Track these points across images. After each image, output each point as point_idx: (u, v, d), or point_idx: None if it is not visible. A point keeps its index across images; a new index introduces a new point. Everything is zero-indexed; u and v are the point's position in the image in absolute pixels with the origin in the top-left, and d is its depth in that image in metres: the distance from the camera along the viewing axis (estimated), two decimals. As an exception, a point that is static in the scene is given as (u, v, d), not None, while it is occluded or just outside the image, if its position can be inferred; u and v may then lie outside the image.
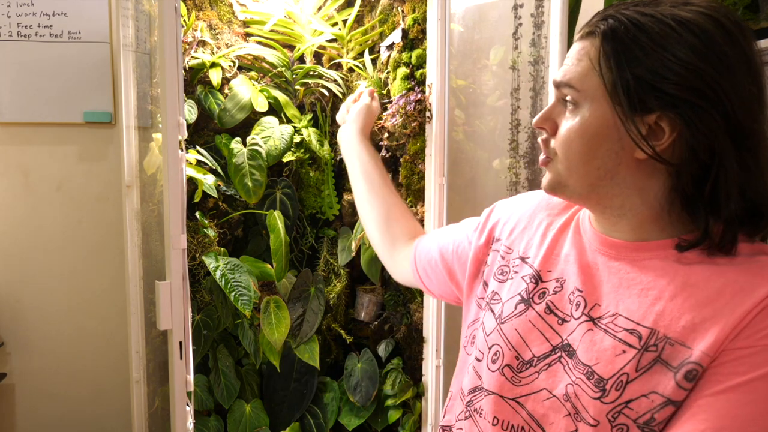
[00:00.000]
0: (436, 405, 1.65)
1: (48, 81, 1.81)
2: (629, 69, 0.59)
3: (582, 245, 0.72)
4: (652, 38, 0.58)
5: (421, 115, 1.68)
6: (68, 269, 1.87)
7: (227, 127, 1.83)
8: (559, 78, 0.66)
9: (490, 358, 0.73)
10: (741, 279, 0.57)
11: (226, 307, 1.80)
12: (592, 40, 0.64)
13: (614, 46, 0.61)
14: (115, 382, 1.89)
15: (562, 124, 0.67)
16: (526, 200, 0.86)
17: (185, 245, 1.32)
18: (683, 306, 0.58)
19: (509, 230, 0.82)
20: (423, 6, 1.66)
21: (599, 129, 0.63)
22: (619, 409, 0.59)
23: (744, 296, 0.56)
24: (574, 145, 0.66)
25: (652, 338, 0.59)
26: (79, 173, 1.87)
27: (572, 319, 0.67)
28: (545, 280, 0.73)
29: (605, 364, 0.61)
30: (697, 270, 0.60)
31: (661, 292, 0.61)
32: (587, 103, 0.64)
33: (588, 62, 0.63)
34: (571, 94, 0.65)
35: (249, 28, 1.96)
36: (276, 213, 1.82)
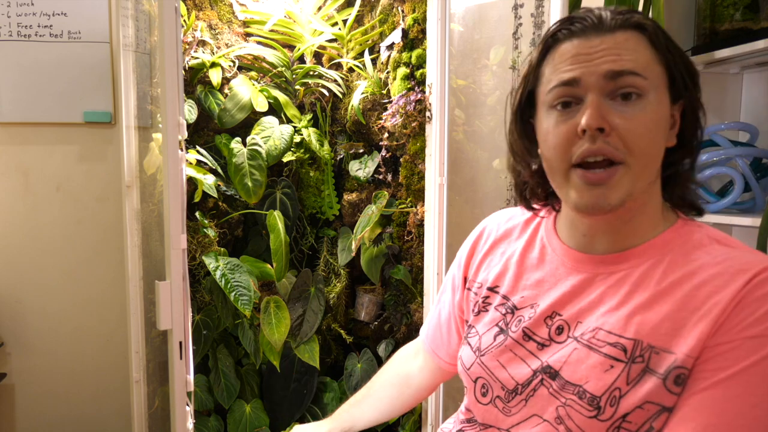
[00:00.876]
0: (436, 405, 1.65)
1: (48, 81, 1.81)
2: (677, 59, 0.62)
3: (554, 266, 0.71)
4: (671, 39, 0.63)
5: (421, 115, 1.68)
6: (68, 269, 1.87)
7: (227, 127, 1.83)
8: (618, 67, 0.59)
9: (479, 391, 0.73)
10: (711, 278, 0.58)
11: (226, 307, 1.79)
12: (636, 33, 0.61)
13: (666, 40, 0.62)
14: (115, 382, 1.89)
15: (626, 120, 0.59)
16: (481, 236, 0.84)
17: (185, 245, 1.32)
18: (661, 313, 0.59)
19: (476, 267, 0.82)
20: (423, 6, 1.66)
21: (665, 120, 0.62)
22: (618, 425, 0.59)
23: (717, 294, 0.57)
24: (653, 139, 0.60)
25: (636, 349, 0.59)
26: (79, 173, 1.87)
27: (553, 342, 0.66)
28: (519, 307, 0.72)
29: (595, 382, 0.61)
30: (670, 275, 0.61)
31: (639, 302, 0.61)
32: (653, 93, 0.60)
33: (646, 52, 0.61)
34: (638, 83, 0.59)
35: (249, 28, 1.96)
36: (276, 213, 1.82)
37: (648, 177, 0.62)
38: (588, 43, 0.61)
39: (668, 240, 0.64)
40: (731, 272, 0.58)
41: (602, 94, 0.60)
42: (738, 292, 0.56)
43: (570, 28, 0.63)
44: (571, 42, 0.63)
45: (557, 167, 0.64)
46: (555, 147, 0.63)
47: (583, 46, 0.61)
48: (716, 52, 1.10)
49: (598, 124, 0.59)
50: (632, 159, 0.60)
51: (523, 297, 0.72)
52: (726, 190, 1.19)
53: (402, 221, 1.83)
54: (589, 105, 0.60)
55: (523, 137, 0.71)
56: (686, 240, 0.64)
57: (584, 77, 0.61)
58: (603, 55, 0.60)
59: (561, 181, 0.65)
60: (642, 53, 0.60)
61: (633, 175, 0.60)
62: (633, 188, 0.61)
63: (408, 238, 1.80)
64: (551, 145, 0.64)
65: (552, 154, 0.64)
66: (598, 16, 0.62)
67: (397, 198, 1.85)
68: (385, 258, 1.85)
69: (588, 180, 0.61)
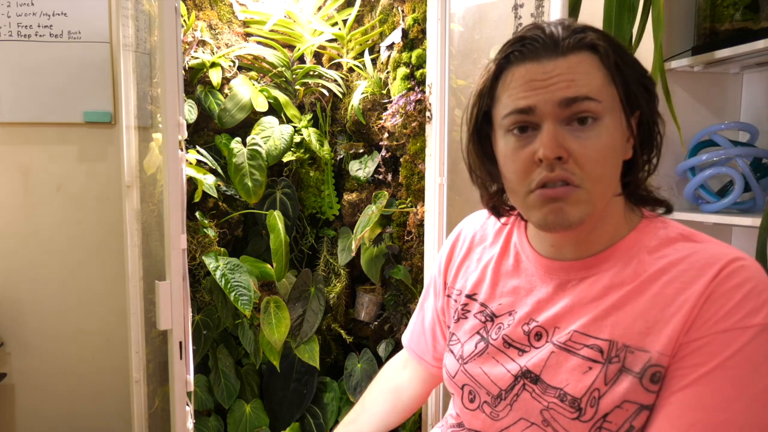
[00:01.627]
0: (436, 405, 1.65)
1: (48, 81, 1.81)
2: (631, 75, 0.63)
3: (528, 273, 0.72)
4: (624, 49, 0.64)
5: (421, 115, 1.68)
6: (68, 269, 1.87)
7: (227, 127, 1.83)
8: (572, 94, 0.59)
9: (466, 397, 0.74)
10: (679, 274, 0.60)
11: (226, 307, 1.79)
12: (588, 55, 0.61)
13: (618, 58, 0.62)
14: (115, 382, 1.89)
15: (580, 146, 0.60)
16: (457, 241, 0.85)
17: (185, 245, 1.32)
18: (633, 312, 0.60)
19: (454, 273, 0.83)
20: (423, 6, 1.66)
21: (619, 140, 0.62)
22: (599, 425, 0.60)
23: (686, 291, 0.58)
24: (607, 163, 0.61)
25: (612, 349, 0.60)
26: (79, 173, 1.87)
27: (532, 348, 0.68)
28: (498, 314, 0.73)
29: (575, 384, 0.62)
30: (641, 273, 0.63)
31: (611, 303, 0.62)
32: (608, 116, 0.61)
33: (599, 75, 0.61)
34: (592, 107, 0.60)
35: (249, 28, 1.96)
36: (276, 213, 1.82)
37: (606, 196, 0.63)
38: (541, 68, 0.61)
39: (634, 241, 0.66)
40: (698, 267, 0.59)
41: (558, 121, 0.61)
42: (707, 286, 0.57)
43: (521, 50, 0.63)
44: (525, 66, 0.62)
45: (517, 191, 0.65)
46: (515, 173, 0.64)
47: (536, 72, 0.61)
48: (716, 52, 1.10)
49: (555, 154, 0.60)
50: (589, 183, 0.61)
51: (501, 304, 0.73)
52: (726, 190, 1.19)
53: (402, 221, 1.83)
54: (545, 134, 0.60)
55: (481, 156, 0.71)
56: (651, 238, 0.65)
57: (539, 105, 0.61)
58: (557, 81, 0.60)
59: (521, 203, 0.66)
60: (595, 76, 0.61)
61: (589, 197, 0.61)
62: (592, 208, 0.62)
63: (408, 238, 1.80)
64: (511, 170, 0.65)
65: (512, 179, 0.65)
66: (549, 35, 0.62)
67: (397, 198, 1.85)
68: (385, 258, 1.85)
69: (547, 196, 0.62)
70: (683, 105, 1.23)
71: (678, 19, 1.22)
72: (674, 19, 1.21)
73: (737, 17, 1.10)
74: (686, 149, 1.20)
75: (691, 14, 1.22)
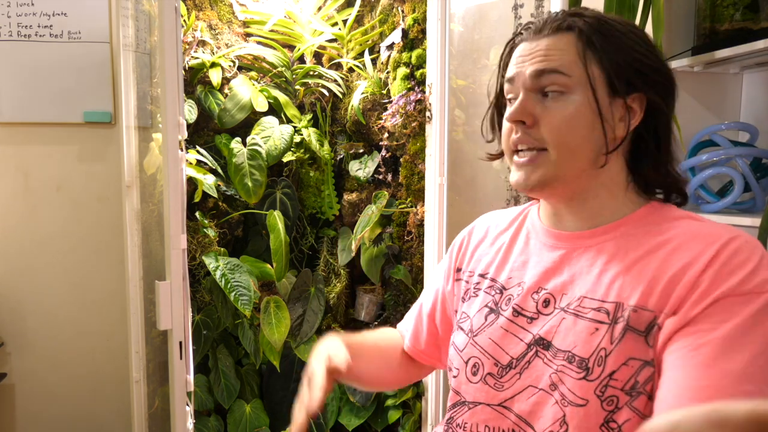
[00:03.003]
0: (436, 405, 1.65)
1: (48, 81, 1.81)
2: (615, 56, 0.67)
3: (537, 246, 0.77)
4: (622, 33, 0.69)
5: (421, 115, 1.68)
6: (68, 269, 1.87)
7: (227, 127, 1.83)
8: (541, 66, 0.67)
9: (470, 370, 0.76)
10: (685, 244, 0.64)
11: (226, 307, 1.80)
12: (567, 35, 0.68)
13: (598, 38, 0.68)
14: (115, 382, 1.89)
15: (547, 114, 0.68)
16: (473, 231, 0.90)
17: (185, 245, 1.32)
18: (638, 277, 0.64)
19: (468, 258, 0.87)
20: (423, 6, 1.66)
21: (589, 114, 0.67)
22: (605, 383, 0.62)
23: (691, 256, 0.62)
24: (572, 131, 0.67)
25: (618, 311, 0.64)
26: (79, 173, 1.87)
27: (541, 315, 0.71)
28: (508, 287, 0.77)
29: (583, 345, 0.64)
30: (644, 244, 0.66)
31: (618, 269, 0.66)
32: (578, 89, 0.67)
33: (573, 52, 0.67)
34: (560, 80, 0.67)
35: (249, 28, 1.96)
36: (276, 213, 1.82)
37: (575, 164, 0.68)
38: (529, 45, 0.71)
39: (641, 216, 0.70)
40: (704, 240, 0.63)
41: (529, 91, 0.69)
42: (711, 258, 0.60)
43: (524, 32, 0.73)
44: (522, 45, 0.72)
45: (506, 154, 0.75)
46: (503, 138, 0.74)
47: (525, 48, 0.71)
48: (716, 52, 1.10)
49: (516, 117, 0.69)
50: (552, 148, 0.68)
51: (511, 277, 0.77)
52: (726, 190, 1.19)
53: (402, 221, 1.83)
54: (517, 101, 0.70)
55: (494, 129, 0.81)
56: (658, 215, 0.69)
57: (516, 76, 0.70)
58: (533, 57, 0.69)
59: (510, 166, 0.75)
60: (568, 52, 0.68)
61: (554, 161, 0.68)
62: (556, 172, 0.68)
63: (408, 238, 1.80)
64: (502, 135, 0.75)
65: (503, 143, 0.75)
66: (544, 20, 0.71)
67: (397, 198, 1.85)
68: (385, 258, 1.85)
69: (516, 163, 0.71)
70: (683, 105, 1.23)
71: (678, 19, 1.22)
72: (674, 19, 1.21)
73: (737, 17, 1.10)
74: (686, 149, 1.20)
75: (691, 14, 1.22)
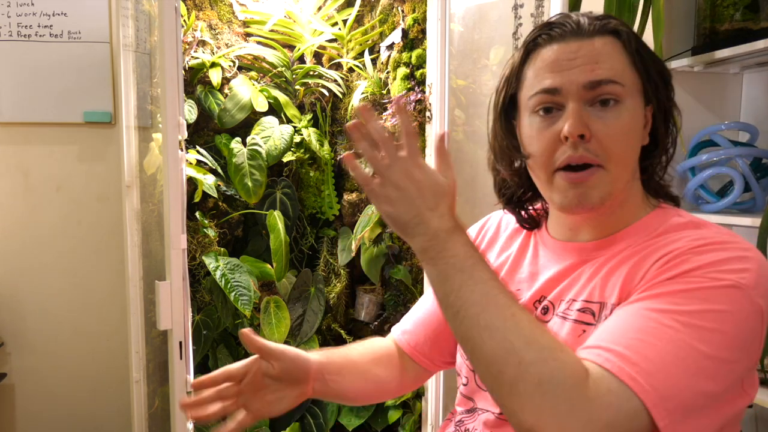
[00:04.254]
0: (436, 405, 1.65)
1: (48, 81, 1.81)
2: (651, 65, 0.66)
3: (546, 259, 0.75)
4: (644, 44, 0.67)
5: (421, 115, 1.68)
6: (68, 269, 1.87)
7: (227, 127, 1.83)
8: (599, 77, 0.63)
9: (480, 378, 0.74)
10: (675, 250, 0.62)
11: (226, 307, 1.79)
12: (612, 39, 0.65)
13: (638, 45, 0.66)
14: (115, 382, 1.89)
15: (602, 126, 0.63)
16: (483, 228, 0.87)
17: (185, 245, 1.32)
18: (621, 276, 0.64)
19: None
20: (423, 6, 1.66)
21: (638, 125, 0.66)
22: None
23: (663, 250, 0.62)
24: (628, 144, 0.65)
25: (603, 310, 0.63)
26: (79, 173, 1.87)
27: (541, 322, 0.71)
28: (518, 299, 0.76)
29: (571, 347, 0.64)
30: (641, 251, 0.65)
31: (608, 273, 0.66)
32: (629, 99, 0.64)
33: (622, 58, 0.64)
34: (616, 90, 0.63)
35: (249, 28, 1.96)
36: (276, 213, 1.82)
37: (625, 177, 0.67)
38: (567, 47, 0.65)
39: (647, 223, 0.68)
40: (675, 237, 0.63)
41: (582, 102, 0.64)
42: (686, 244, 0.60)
43: (549, 33, 0.66)
44: (551, 47, 0.66)
45: (541, 171, 0.68)
46: (540, 152, 0.67)
47: (562, 51, 0.65)
48: (716, 52, 1.10)
49: (579, 131, 0.63)
50: (610, 163, 0.64)
51: (519, 289, 0.76)
52: (726, 190, 1.19)
53: (402, 221, 1.83)
54: (570, 113, 0.64)
55: (508, 137, 0.74)
56: (662, 223, 0.68)
57: (565, 86, 0.64)
58: (582, 63, 0.64)
59: (545, 184, 0.69)
60: (618, 59, 0.64)
61: (611, 176, 0.65)
62: (612, 188, 0.65)
63: (408, 238, 1.80)
64: (536, 149, 0.67)
65: (537, 159, 0.68)
66: (576, 21, 0.66)
67: (397, 198, 1.85)
68: (385, 258, 1.85)
69: (570, 180, 0.65)
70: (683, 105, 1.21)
71: (678, 19, 1.22)
72: (674, 19, 1.21)
73: (737, 17, 1.10)
74: (686, 149, 1.20)
75: (691, 14, 1.22)
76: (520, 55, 0.70)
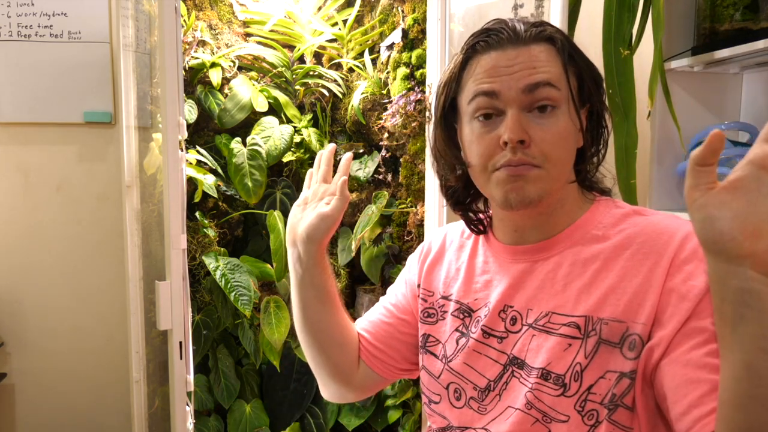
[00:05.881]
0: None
1: (48, 81, 1.81)
2: (584, 71, 0.68)
3: (497, 264, 0.75)
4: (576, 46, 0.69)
5: (421, 115, 1.68)
6: (68, 269, 1.87)
7: (227, 127, 1.83)
8: (536, 79, 0.64)
9: (452, 396, 0.75)
10: (641, 246, 0.64)
11: (226, 307, 1.80)
12: (548, 46, 0.67)
13: (572, 51, 0.68)
14: (115, 382, 1.89)
15: (540, 131, 0.65)
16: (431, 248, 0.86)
17: (185, 245, 1.32)
18: (604, 288, 0.64)
19: (426, 275, 0.84)
20: (423, 6, 1.66)
21: (573, 128, 0.68)
22: (584, 397, 0.62)
23: (648, 262, 0.62)
24: (565, 147, 0.67)
25: (588, 325, 0.63)
26: (79, 173, 1.87)
27: (510, 333, 0.70)
28: (475, 309, 0.75)
29: (557, 362, 0.64)
30: (603, 251, 0.66)
31: (581, 281, 0.66)
32: (565, 104, 0.66)
33: (558, 64, 0.66)
34: (552, 95, 0.65)
35: (249, 28, 1.96)
36: (276, 213, 1.82)
37: (562, 178, 0.68)
38: (505, 55, 0.66)
39: (590, 218, 0.70)
40: (658, 238, 0.63)
41: (521, 108, 0.65)
42: (672, 257, 0.61)
43: (487, 40, 0.68)
44: (489, 54, 0.67)
45: (480, 173, 0.69)
46: (479, 156, 0.68)
47: (500, 58, 0.66)
48: (716, 52, 1.10)
49: (518, 137, 0.64)
50: (548, 165, 0.66)
51: (477, 299, 0.75)
52: (726, 190, 1.19)
53: (402, 221, 1.83)
54: (509, 119, 0.65)
55: (448, 143, 0.75)
56: (606, 215, 0.70)
57: (503, 90, 0.65)
58: (520, 69, 0.65)
59: (484, 183, 0.70)
60: (554, 65, 0.66)
61: (549, 177, 0.66)
62: (549, 187, 0.67)
63: (408, 238, 1.80)
64: (475, 153, 0.69)
65: (476, 162, 0.69)
66: (512, 28, 0.67)
67: (397, 198, 1.85)
68: (385, 258, 1.85)
69: (509, 172, 0.66)
70: (683, 105, 1.23)
71: (678, 19, 1.22)
72: (674, 19, 1.21)
73: (737, 17, 1.10)
74: (686, 149, 1.20)
75: (691, 14, 1.21)
76: (458, 60, 0.71)
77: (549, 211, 0.70)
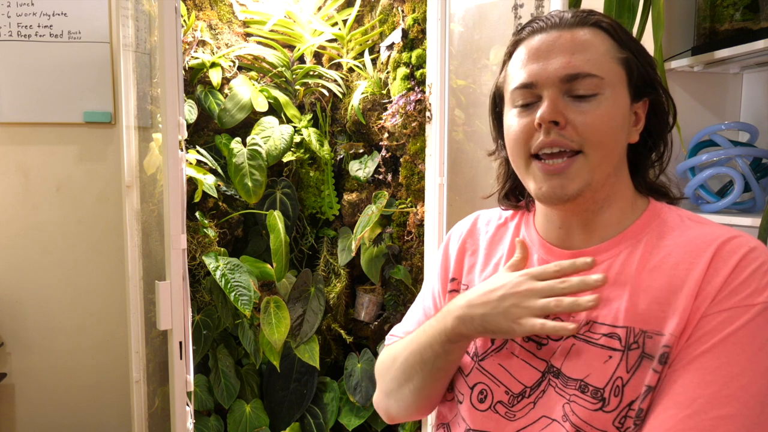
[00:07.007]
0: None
1: (48, 81, 1.81)
2: (638, 60, 0.65)
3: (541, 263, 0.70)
4: (634, 39, 0.66)
5: (421, 115, 1.68)
6: (68, 269, 1.87)
7: (227, 127, 1.83)
8: (572, 71, 0.62)
9: (476, 397, 0.71)
10: (685, 255, 0.61)
11: (226, 307, 1.79)
12: (592, 30, 0.64)
13: (624, 39, 0.65)
14: (115, 382, 1.89)
15: (580, 113, 0.62)
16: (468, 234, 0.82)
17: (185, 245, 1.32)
18: (648, 298, 0.61)
19: (463, 268, 0.80)
20: (423, 6, 1.66)
21: (620, 115, 0.64)
22: (624, 413, 0.59)
23: (691, 270, 0.59)
24: (609, 130, 0.62)
25: (630, 336, 0.60)
26: (79, 173, 1.87)
27: (550, 341, 0.66)
28: None
29: (597, 374, 0.61)
30: (649, 260, 0.63)
31: (625, 291, 0.62)
32: (609, 89, 0.63)
33: (603, 50, 0.63)
34: (593, 83, 0.62)
35: (249, 28, 1.96)
36: (276, 213, 1.82)
37: (606, 168, 0.64)
38: (547, 37, 0.65)
39: (641, 227, 0.66)
40: (700, 246, 0.60)
41: (559, 91, 0.63)
42: (708, 265, 0.58)
43: (533, 26, 0.67)
44: (533, 38, 0.66)
45: (517, 158, 0.67)
46: (515, 139, 0.66)
47: (542, 41, 0.65)
48: (716, 52, 1.10)
49: (551, 117, 0.62)
50: (589, 148, 0.62)
51: None
52: (726, 190, 1.19)
53: (402, 221, 1.83)
54: (545, 100, 0.63)
55: (496, 128, 0.75)
56: (659, 223, 0.66)
57: (540, 81, 0.64)
58: (559, 52, 0.63)
59: (523, 172, 0.68)
60: (596, 50, 0.63)
61: (591, 164, 0.63)
62: (591, 178, 0.63)
63: (408, 238, 1.80)
64: (511, 137, 0.67)
65: (512, 146, 0.68)
66: (560, 16, 0.66)
67: (397, 198, 1.85)
68: (385, 258, 1.85)
69: (546, 170, 0.64)
70: (683, 105, 1.23)
71: (678, 19, 1.22)
72: (674, 19, 1.21)
73: (737, 17, 1.10)
74: (686, 149, 1.20)
75: (691, 14, 1.22)
76: (508, 49, 0.71)
77: (595, 208, 0.66)
